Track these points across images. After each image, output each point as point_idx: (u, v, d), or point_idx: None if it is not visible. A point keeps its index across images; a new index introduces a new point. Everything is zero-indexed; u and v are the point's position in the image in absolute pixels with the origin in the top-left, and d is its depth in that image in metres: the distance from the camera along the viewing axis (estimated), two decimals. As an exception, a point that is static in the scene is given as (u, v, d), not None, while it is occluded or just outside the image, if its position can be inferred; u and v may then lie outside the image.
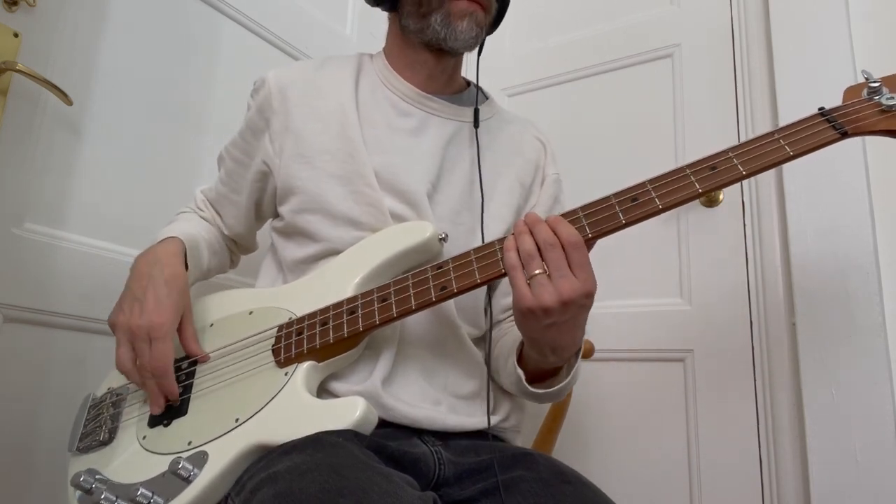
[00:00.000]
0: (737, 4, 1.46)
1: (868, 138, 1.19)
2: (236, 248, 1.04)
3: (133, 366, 0.78)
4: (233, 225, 0.98)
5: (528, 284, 0.66)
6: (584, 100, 1.65)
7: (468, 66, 1.01)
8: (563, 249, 0.66)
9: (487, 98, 1.01)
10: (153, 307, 0.77)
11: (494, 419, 0.84)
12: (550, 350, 0.72)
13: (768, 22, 1.36)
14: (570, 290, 0.64)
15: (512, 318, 0.90)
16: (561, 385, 0.79)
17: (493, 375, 0.88)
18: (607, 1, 1.68)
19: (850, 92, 0.72)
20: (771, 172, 1.31)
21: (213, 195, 1.00)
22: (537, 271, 0.66)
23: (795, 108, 1.25)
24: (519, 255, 0.67)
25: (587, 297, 0.66)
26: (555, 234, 0.67)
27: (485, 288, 0.89)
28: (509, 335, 0.88)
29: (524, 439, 0.92)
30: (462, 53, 0.93)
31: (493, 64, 1.77)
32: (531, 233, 0.68)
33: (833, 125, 0.67)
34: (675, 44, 1.53)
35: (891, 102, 0.67)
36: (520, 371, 0.79)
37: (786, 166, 1.25)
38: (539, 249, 0.66)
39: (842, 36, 1.24)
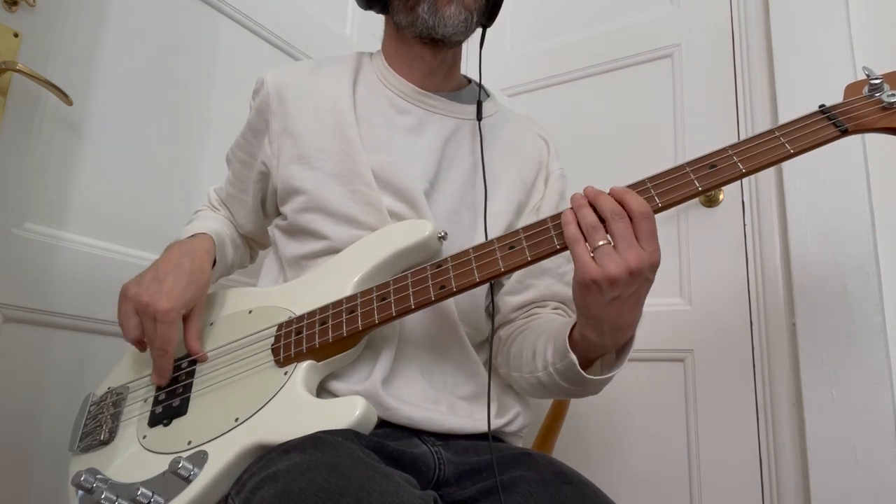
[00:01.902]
0: (737, 4, 1.45)
1: (868, 138, 1.19)
2: (253, 243, 1.06)
3: (141, 337, 0.80)
4: (244, 224, 1.00)
5: (593, 256, 0.64)
6: (585, 100, 1.65)
7: (470, 63, 1.00)
8: (631, 220, 0.64)
9: (489, 95, 1.00)
10: (168, 291, 0.78)
11: (497, 422, 0.84)
12: (611, 329, 0.68)
13: (768, 22, 1.36)
14: (637, 260, 0.63)
15: (525, 315, 0.90)
16: (619, 369, 0.73)
17: (510, 373, 0.86)
18: (607, 1, 1.68)
19: (851, 89, 0.70)
20: (771, 172, 1.31)
21: (224, 195, 1.02)
22: (602, 242, 0.64)
23: (795, 108, 1.25)
24: (580, 227, 0.66)
25: (652, 270, 0.65)
26: (621, 204, 0.65)
27: (485, 288, 0.89)
28: (530, 330, 0.85)
29: (524, 439, 0.92)
30: (457, 43, 0.91)
31: (493, 64, 1.77)
32: (591, 205, 0.66)
33: (833, 122, 0.67)
34: (675, 44, 1.52)
35: (892, 99, 0.66)
36: (573, 356, 0.72)
37: (786, 166, 1.25)
38: (603, 220, 0.65)
39: (842, 37, 1.24)
